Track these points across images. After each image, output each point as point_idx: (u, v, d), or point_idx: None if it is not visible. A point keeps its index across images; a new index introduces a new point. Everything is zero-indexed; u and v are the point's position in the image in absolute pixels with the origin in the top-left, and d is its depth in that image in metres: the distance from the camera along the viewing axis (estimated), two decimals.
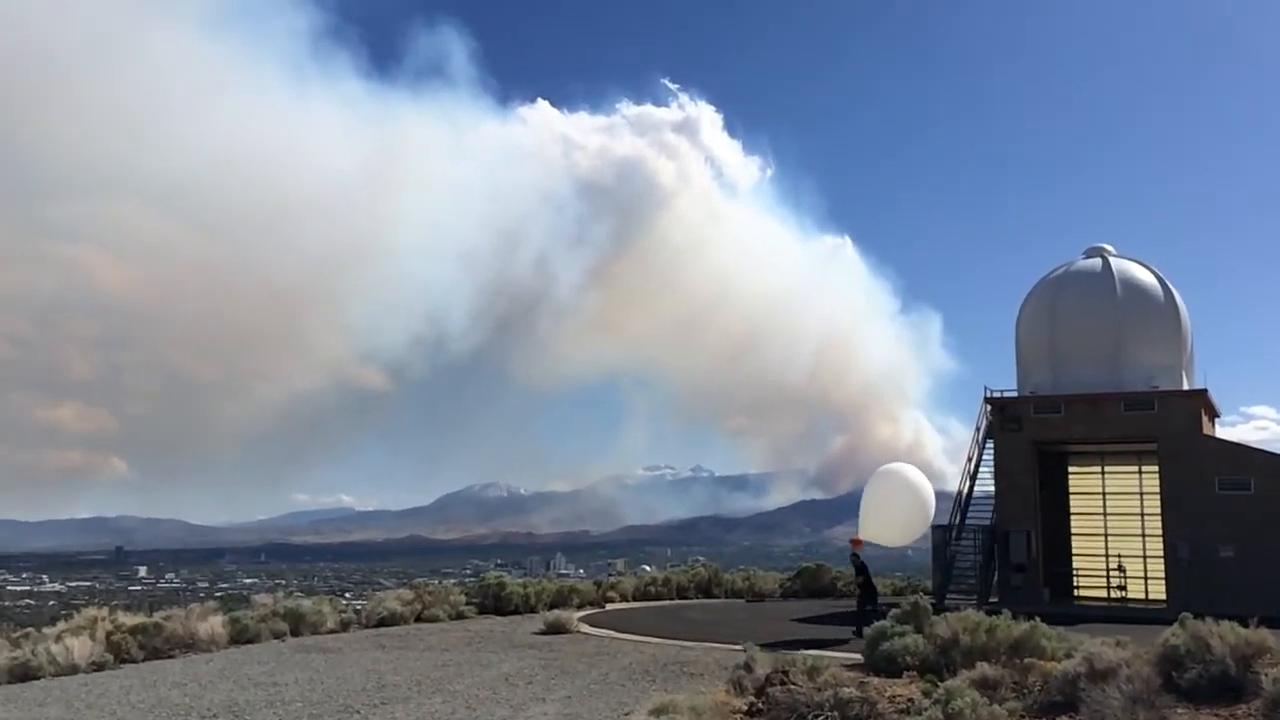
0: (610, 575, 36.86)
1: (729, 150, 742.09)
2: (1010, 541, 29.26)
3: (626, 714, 11.21)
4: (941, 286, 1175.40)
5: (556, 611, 22.91)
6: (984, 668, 11.19)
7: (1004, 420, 30.27)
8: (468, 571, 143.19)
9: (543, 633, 21.02)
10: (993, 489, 30.18)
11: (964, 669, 11.48)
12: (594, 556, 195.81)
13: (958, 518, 30.01)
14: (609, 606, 27.60)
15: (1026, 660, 11.92)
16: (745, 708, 11.04)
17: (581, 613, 24.93)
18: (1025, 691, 10.91)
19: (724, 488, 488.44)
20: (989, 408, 30.79)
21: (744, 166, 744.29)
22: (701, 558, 46.73)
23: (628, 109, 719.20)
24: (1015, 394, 31.18)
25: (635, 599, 29.55)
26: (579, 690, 13.98)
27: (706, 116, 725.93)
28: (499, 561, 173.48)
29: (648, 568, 49.81)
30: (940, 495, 23.32)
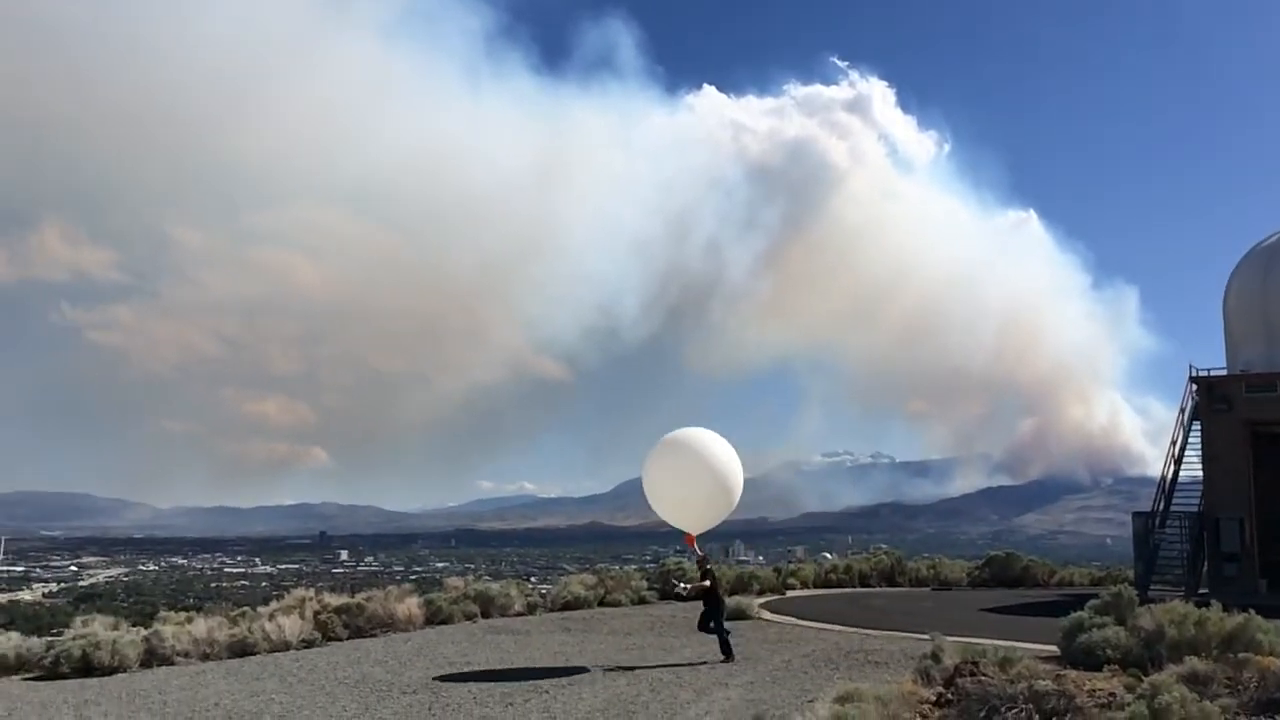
0: (790, 562, 36.59)
1: (903, 126, 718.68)
2: (1221, 529, 27.33)
3: (810, 701, 11.09)
4: (1137, 259, 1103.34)
5: (737, 598, 22.92)
6: (1193, 662, 10.51)
7: (1212, 400, 28.26)
8: (647, 557, 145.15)
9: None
10: (1200, 474, 28.26)
11: (1170, 664, 10.82)
12: (772, 543, 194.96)
13: (1162, 504, 28.26)
14: (789, 594, 27.41)
15: (1240, 655, 11.13)
16: (933, 698, 10.76)
17: (762, 599, 24.85)
18: (1239, 688, 10.19)
19: (905, 474, 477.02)
20: (1195, 387, 28.82)
21: (919, 142, 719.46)
22: (884, 545, 45.84)
23: (796, 90, 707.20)
24: (1224, 372, 29.08)
25: (816, 586, 29.23)
26: (761, 676, 13.95)
27: (878, 93, 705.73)
28: (677, 548, 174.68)
29: (828, 555, 49.21)
30: (1142, 481, 20.91)
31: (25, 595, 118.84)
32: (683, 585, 17.65)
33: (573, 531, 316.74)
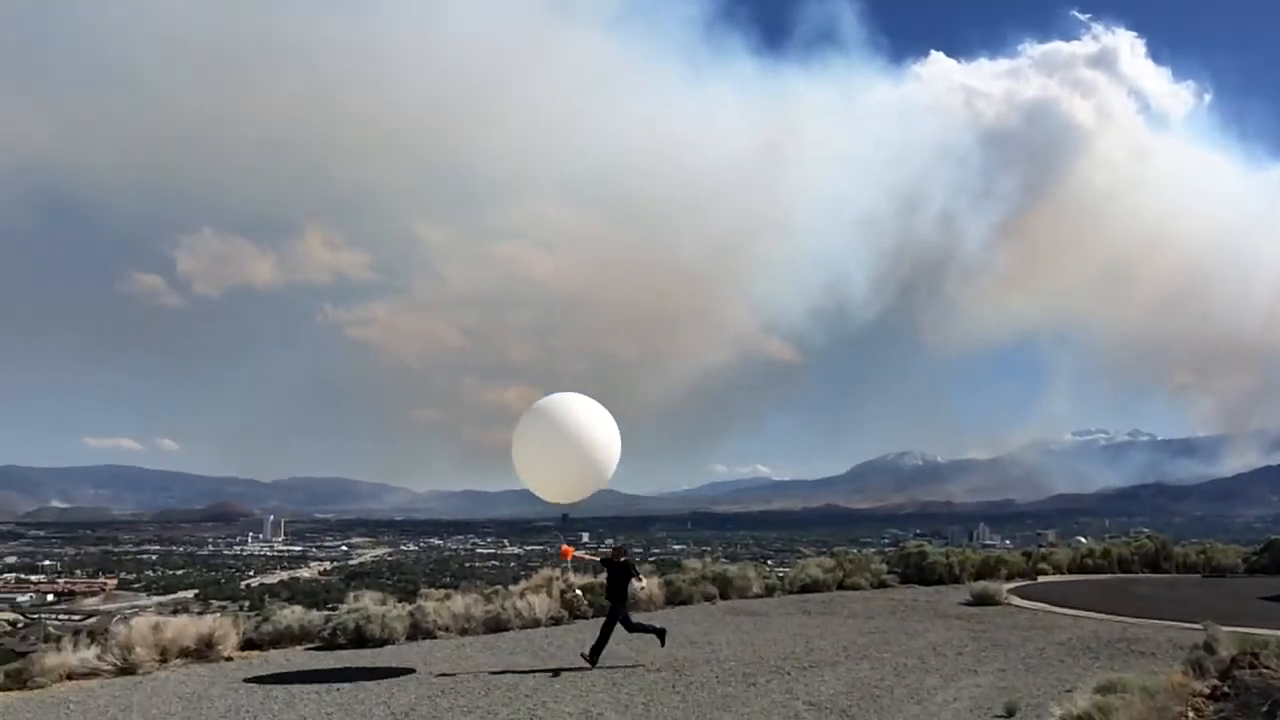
0: (1041, 546, 34.87)
1: (1155, 79, 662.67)
2: None
3: (1068, 690, 10.54)
4: None
5: (984, 582, 22.14)
6: None
7: None
8: (886, 540, 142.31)
9: (970, 603, 20.37)
10: None
11: None
12: (1020, 527, 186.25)
13: None
14: (1040, 579, 26.13)
15: None
16: (1207, 691, 9.97)
17: (1010, 584, 23.81)
18: None
19: (1167, 453, 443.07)
20: None
21: (1175, 95, 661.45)
22: (1145, 529, 42.81)
23: (1032, 49, 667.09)
24: None
25: (1070, 571, 27.70)
26: (1013, 663, 13.39)
27: (1126, 44, 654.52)
28: (918, 531, 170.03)
29: (1083, 539, 46.47)
30: None
31: (304, 573, 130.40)
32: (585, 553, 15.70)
33: (808, 514, 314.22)
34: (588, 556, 14.89)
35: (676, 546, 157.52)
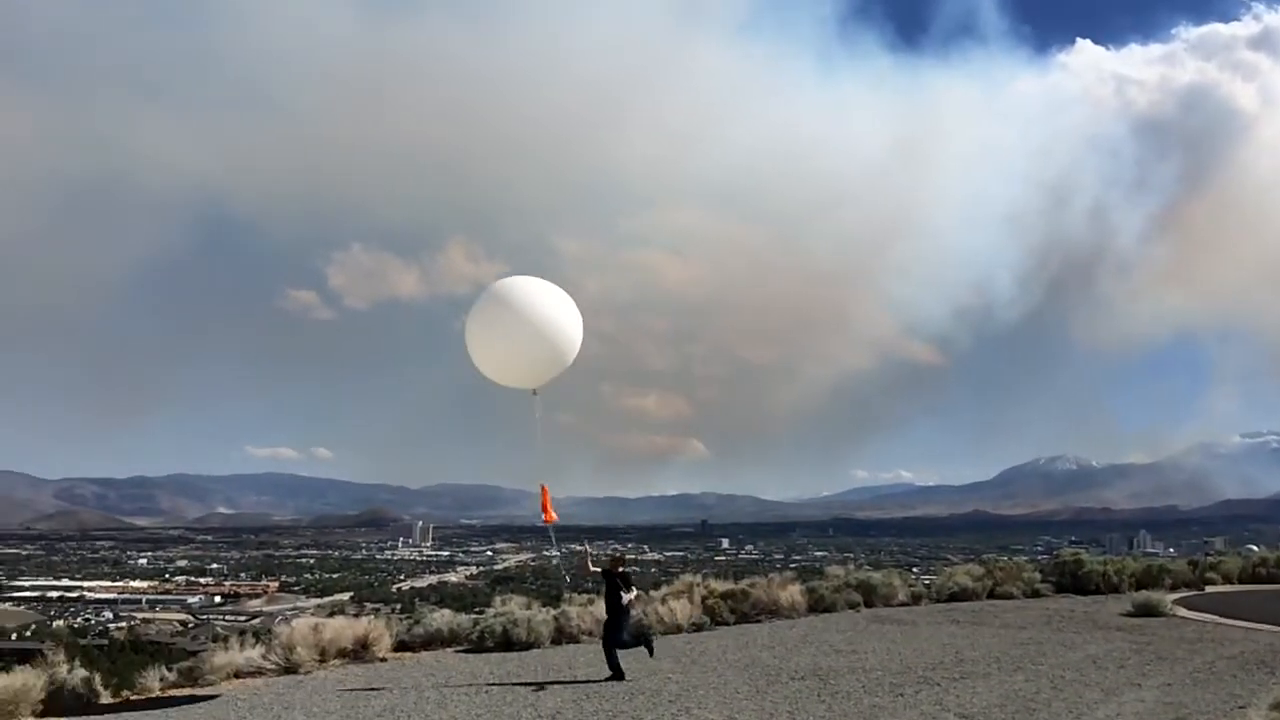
0: (1208, 555, 33.01)
1: None
2: None
3: (1240, 707, 9.95)
4: None
5: (1145, 592, 21.12)
6: None
7: None
8: (1038, 548, 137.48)
9: (1131, 614, 19.44)
10: None
11: None
12: (1184, 534, 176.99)
13: None
14: (1208, 589, 24.73)
15: None
16: None
17: (1175, 595, 22.61)
18: None
19: None
20: None
21: None
22: None
23: (1187, 32, 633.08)
24: None
25: (1240, 581, 26.15)
26: (1179, 678, 12.71)
27: None
28: (1073, 538, 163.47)
29: (1254, 547, 43.81)
30: None
31: (452, 577, 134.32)
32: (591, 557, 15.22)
33: (954, 520, 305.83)
34: (591, 566, 14.69)
35: (818, 553, 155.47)
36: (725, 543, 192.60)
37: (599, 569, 14.33)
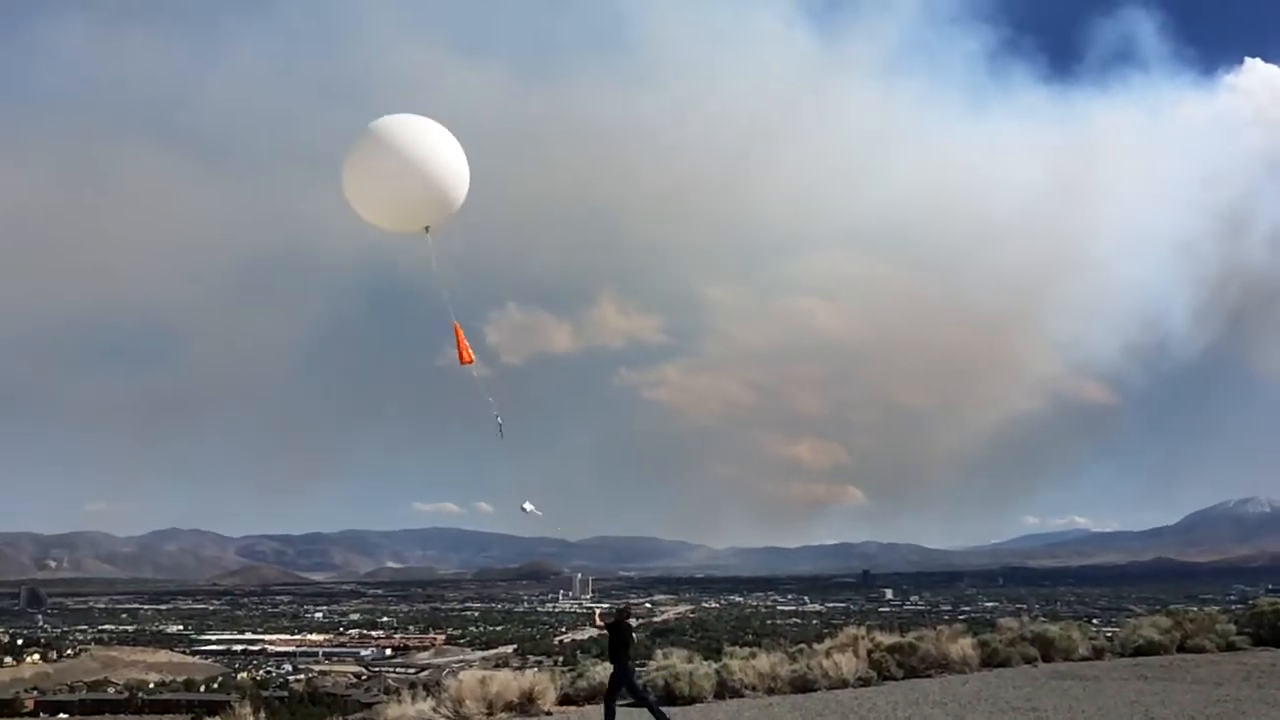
0: None
1: None
2: None
3: None
4: None
5: None
6: None
7: None
8: (1231, 597, 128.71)
9: None
10: None
11: None
12: None
13: None
14: None
15: None
16: None
17: None
18: None
19: None
20: None
21: None
22: None
23: None
24: None
25: None
26: None
27: None
28: (1270, 586, 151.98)
29: None
30: None
31: None
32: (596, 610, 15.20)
33: (1135, 568, 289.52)
34: (599, 620, 14.42)
35: (988, 604, 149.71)
36: (889, 593, 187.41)
37: (604, 624, 14.18)
